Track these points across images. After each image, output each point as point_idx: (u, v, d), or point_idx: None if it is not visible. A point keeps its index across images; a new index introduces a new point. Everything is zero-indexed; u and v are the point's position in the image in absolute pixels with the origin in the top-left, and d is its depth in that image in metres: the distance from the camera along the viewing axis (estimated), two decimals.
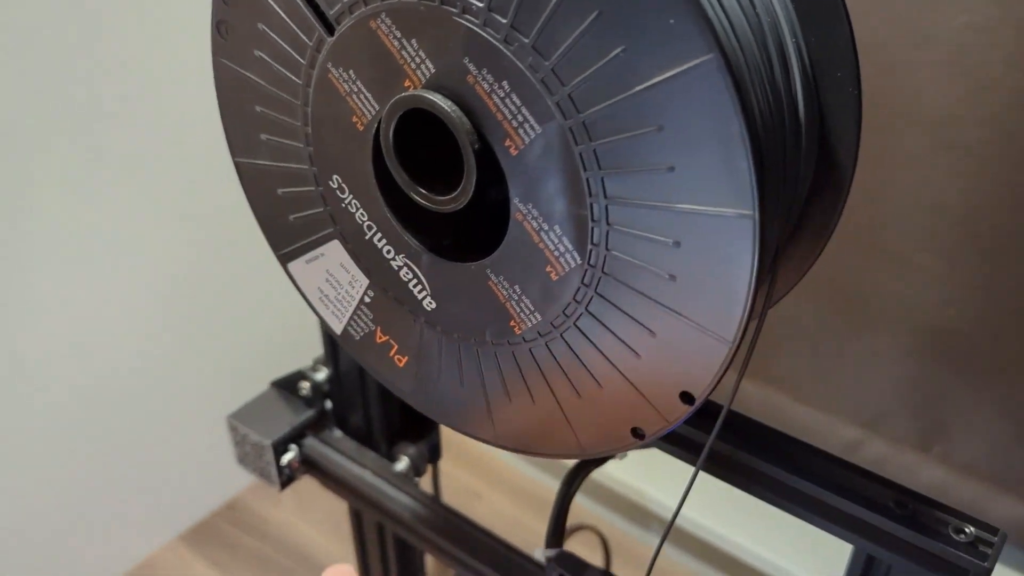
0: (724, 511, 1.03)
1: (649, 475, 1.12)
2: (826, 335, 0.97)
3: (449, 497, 0.61)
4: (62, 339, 0.94)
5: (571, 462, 0.54)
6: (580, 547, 0.93)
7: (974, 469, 0.96)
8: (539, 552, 0.50)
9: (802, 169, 0.33)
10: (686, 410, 0.32)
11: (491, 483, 1.21)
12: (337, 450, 0.66)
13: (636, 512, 1.14)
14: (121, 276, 0.97)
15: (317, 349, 0.69)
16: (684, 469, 0.47)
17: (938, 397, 0.94)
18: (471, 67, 0.30)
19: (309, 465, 0.67)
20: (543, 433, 0.38)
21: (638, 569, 1.08)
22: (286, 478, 0.67)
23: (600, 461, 0.54)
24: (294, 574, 1.09)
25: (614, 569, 0.56)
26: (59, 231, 0.90)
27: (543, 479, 1.23)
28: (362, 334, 0.42)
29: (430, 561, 0.90)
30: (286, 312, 0.95)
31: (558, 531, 0.51)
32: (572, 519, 1.01)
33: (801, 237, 0.37)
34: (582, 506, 1.18)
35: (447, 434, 1.31)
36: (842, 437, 1.00)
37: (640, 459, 0.40)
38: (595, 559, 0.55)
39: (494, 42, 0.29)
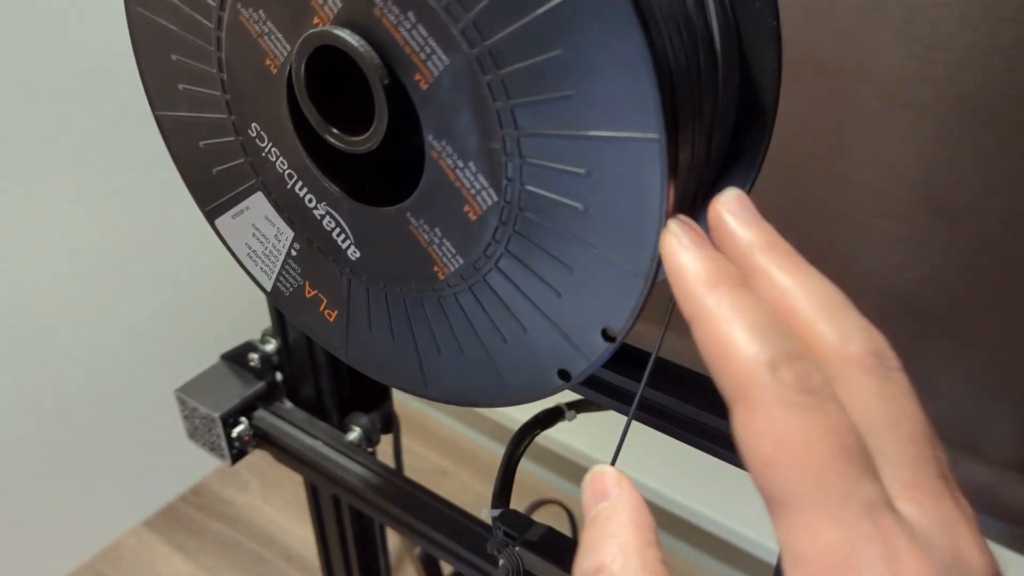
0: (686, 481, 1.02)
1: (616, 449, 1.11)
2: None
3: (415, 475, 0.61)
4: (20, 323, 0.93)
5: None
6: (549, 522, 0.93)
7: (939, 435, 0.96)
8: (485, 511, 0.50)
9: (721, 103, 0.32)
10: (607, 347, 0.31)
11: (458, 461, 1.21)
12: (288, 421, 0.65)
13: None
14: (76, 260, 0.96)
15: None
16: (652, 445, 0.47)
17: (902, 362, 0.94)
18: None
19: (260, 438, 0.66)
20: (473, 382, 0.37)
21: None
22: (237, 451, 0.66)
23: (546, 423, 0.54)
24: (260, 557, 1.09)
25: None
26: (6, 218, 0.88)
27: None
28: (291, 289, 0.41)
29: (392, 539, 0.90)
30: (243, 293, 0.94)
31: (504, 491, 0.51)
32: (541, 495, 1.01)
33: (730, 176, 0.37)
34: (551, 483, 1.18)
35: (414, 415, 1.30)
36: None
37: (610, 435, 0.40)
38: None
39: None
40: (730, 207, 0.26)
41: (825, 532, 0.20)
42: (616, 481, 0.27)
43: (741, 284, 0.25)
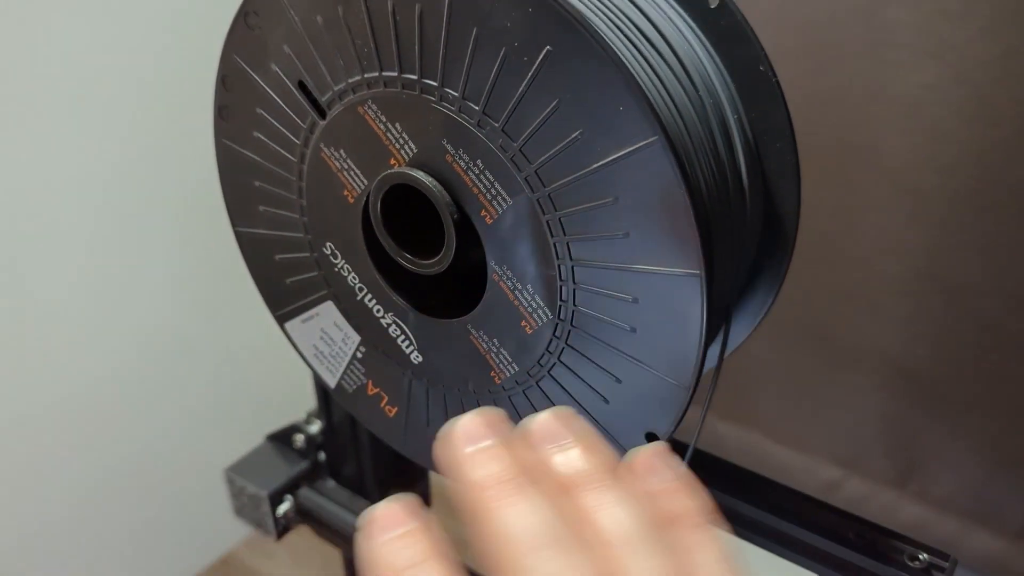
0: None
1: None
2: (801, 377, 1.00)
3: None
4: (57, 391, 0.97)
5: None
6: None
7: (951, 505, 0.98)
8: None
9: (749, 228, 0.36)
10: None
11: None
12: (331, 499, 0.69)
13: None
14: (119, 332, 1.00)
15: (310, 402, 0.71)
16: None
17: (912, 435, 0.97)
18: (449, 147, 0.34)
19: (304, 515, 0.70)
20: None
21: None
22: (282, 528, 0.69)
23: None
24: None
25: None
26: (57, 290, 0.93)
27: None
28: (354, 387, 0.45)
29: None
30: (280, 367, 0.98)
31: None
32: None
33: (756, 287, 0.41)
34: None
35: (440, 485, 1.32)
36: (821, 477, 1.03)
37: None
38: None
39: (468, 126, 0.33)
40: None
41: None
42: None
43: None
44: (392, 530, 0.25)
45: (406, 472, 0.71)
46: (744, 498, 0.46)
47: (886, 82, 0.79)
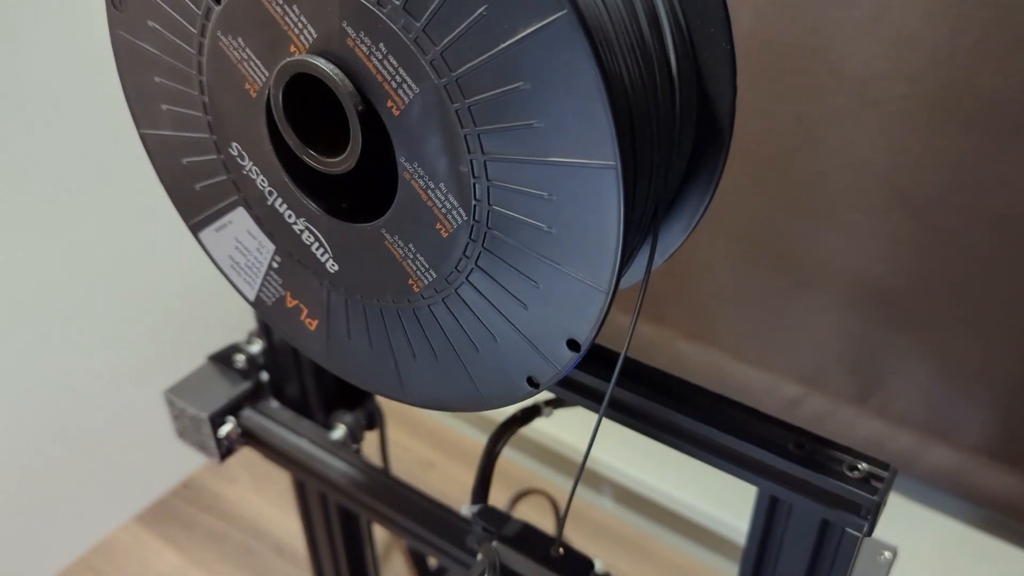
0: (658, 467, 1.04)
1: (601, 442, 1.14)
2: (763, 295, 0.99)
3: (402, 467, 0.63)
4: (12, 322, 0.94)
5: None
6: (533, 511, 0.95)
7: (909, 420, 0.98)
8: (465, 508, 0.52)
9: (679, 122, 0.34)
10: (573, 357, 0.33)
11: (445, 452, 1.22)
12: (274, 420, 0.67)
13: (588, 477, 1.16)
14: (68, 261, 0.97)
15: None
16: (635, 435, 0.49)
17: (874, 351, 0.96)
18: (349, 30, 0.31)
19: (247, 436, 0.68)
20: (448, 389, 0.39)
21: (588, 529, 1.11)
22: (225, 450, 0.67)
23: (524, 420, 0.55)
24: (251, 549, 1.10)
25: (566, 530, 0.58)
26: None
27: None
28: (273, 299, 0.43)
29: (380, 529, 0.92)
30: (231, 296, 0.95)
31: (483, 487, 0.53)
32: (527, 485, 1.03)
33: (691, 188, 0.38)
34: (536, 472, 1.20)
35: (399, 407, 1.32)
36: (782, 395, 1.02)
37: (589, 426, 0.41)
38: (548, 522, 0.56)
39: (368, 5, 0.30)
40: None
41: None
42: None
43: None
44: None
45: (350, 391, 0.69)
46: (679, 408, 0.44)
47: None
